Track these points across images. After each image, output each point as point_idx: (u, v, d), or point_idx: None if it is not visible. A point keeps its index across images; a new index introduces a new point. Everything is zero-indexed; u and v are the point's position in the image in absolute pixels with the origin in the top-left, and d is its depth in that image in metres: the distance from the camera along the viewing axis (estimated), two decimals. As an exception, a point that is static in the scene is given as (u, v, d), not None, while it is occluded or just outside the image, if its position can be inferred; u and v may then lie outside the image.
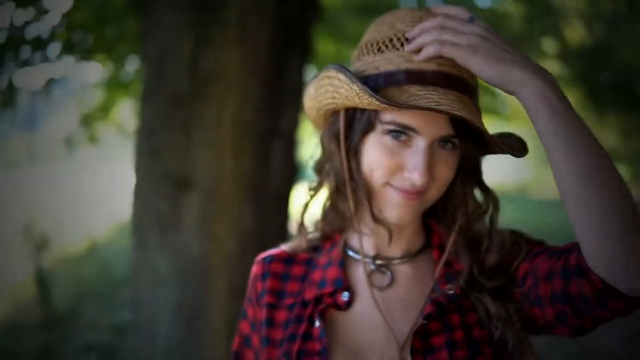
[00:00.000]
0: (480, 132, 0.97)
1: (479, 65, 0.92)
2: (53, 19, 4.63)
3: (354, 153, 1.07)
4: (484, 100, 7.78)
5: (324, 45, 6.57)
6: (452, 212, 1.14)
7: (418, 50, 1.00)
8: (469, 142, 1.04)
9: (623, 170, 22.74)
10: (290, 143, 3.47)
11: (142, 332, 3.17)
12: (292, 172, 3.41)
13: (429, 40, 0.97)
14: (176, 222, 3.07)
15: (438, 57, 1.00)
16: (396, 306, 1.11)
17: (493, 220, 1.14)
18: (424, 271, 1.15)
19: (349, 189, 1.10)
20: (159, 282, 3.12)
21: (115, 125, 8.77)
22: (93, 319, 6.83)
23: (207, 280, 3.10)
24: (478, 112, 1.03)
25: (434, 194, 1.06)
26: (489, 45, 0.92)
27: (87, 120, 7.88)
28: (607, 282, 0.88)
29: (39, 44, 4.76)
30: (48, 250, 7.13)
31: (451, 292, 1.08)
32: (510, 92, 0.92)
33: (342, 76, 0.99)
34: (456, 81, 1.00)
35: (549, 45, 6.50)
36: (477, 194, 1.18)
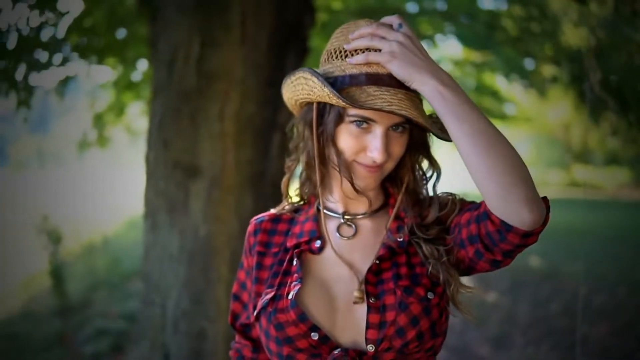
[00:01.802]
0: (418, 123, 1.25)
1: (394, 68, 1.21)
2: (66, 22, 4.63)
3: (329, 139, 1.31)
4: (487, 102, 7.80)
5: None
6: (402, 177, 1.41)
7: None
8: (415, 125, 1.31)
9: (624, 173, 22.68)
10: (286, 135, 3.55)
11: (153, 305, 3.30)
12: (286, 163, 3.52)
13: (362, 46, 1.26)
14: (184, 205, 3.23)
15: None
16: (359, 251, 1.37)
17: (435, 184, 1.42)
18: (381, 224, 1.41)
19: (317, 165, 1.36)
20: (169, 259, 3.26)
21: (125, 126, 8.89)
22: (105, 307, 6.92)
23: (212, 258, 3.23)
24: (420, 102, 1.30)
25: (390, 166, 1.34)
26: (405, 51, 1.20)
27: (99, 122, 7.94)
28: (502, 219, 1.16)
29: (52, 47, 4.78)
30: (62, 244, 7.23)
31: (400, 239, 1.34)
32: (416, 89, 1.21)
33: (316, 80, 1.25)
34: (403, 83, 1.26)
35: (546, 47, 6.56)
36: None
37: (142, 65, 6.93)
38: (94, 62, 5.80)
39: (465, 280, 1.35)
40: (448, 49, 9.16)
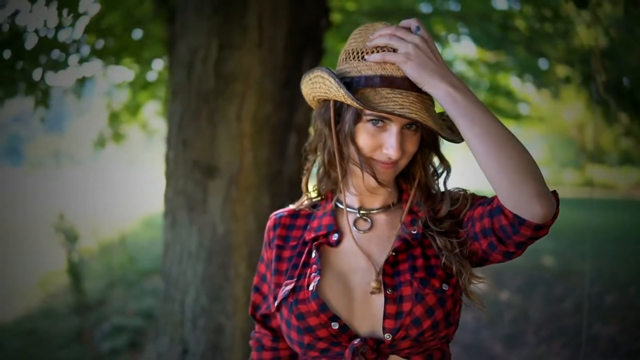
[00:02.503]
0: (428, 126, 1.31)
1: (408, 70, 1.27)
2: (83, 23, 4.61)
3: (348, 137, 1.37)
4: (501, 102, 7.72)
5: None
6: (414, 173, 1.48)
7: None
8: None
9: (638, 172, 22.49)
10: (302, 135, 3.60)
11: (173, 301, 3.38)
12: (304, 161, 3.55)
13: (382, 43, 1.32)
14: (203, 204, 3.30)
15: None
16: (375, 243, 1.44)
17: (445, 180, 1.48)
18: (395, 219, 1.48)
19: (338, 162, 1.42)
20: (188, 257, 3.34)
21: (141, 125, 8.96)
22: (122, 305, 6.94)
23: (230, 256, 3.30)
24: (432, 103, 1.36)
25: (404, 162, 1.40)
26: (420, 54, 1.27)
27: (114, 121, 8.02)
28: (514, 212, 1.23)
29: (70, 47, 4.78)
30: (78, 243, 7.26)
31: (414, 232, 1.41)
32: (428, 92, 1.27)
33: (332, 80, 1.31)
34: (416, 84, 1.33)
35: (559, 48, 6.53)
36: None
37: (158, 65, 7.00)
38: (111, 62, 5.84)
39: (476, 271, 1.41)
40: (462, 49, 9.09)
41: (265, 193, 3.41)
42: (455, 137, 1.37)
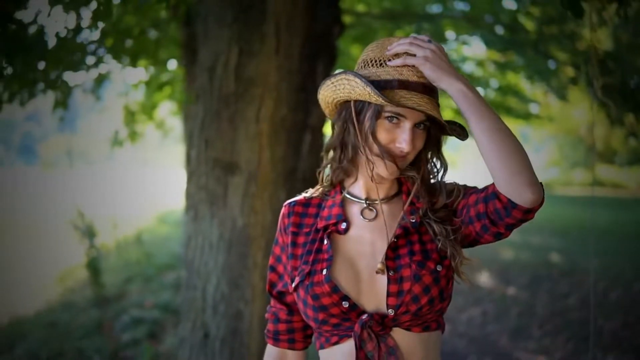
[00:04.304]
0: (440, 121, 1.50)
1: (426, 71, 1.45)
2: (101, 24, 4.90)
3: (369, 132, 1.51)
4: (511, 102, 7.74)
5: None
6: (417, 169, 1.63)
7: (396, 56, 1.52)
8: (433, 125, 1.56)
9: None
10: (317, 135, 3.76)
11: (195, 289, 3.51)
12: (318, 160, 3.45)
13: (401, 49, 1.50)
14: (223, 199, 3.43)
15: (418, 72, 1.46)
16: (378, 231, 1.60)
17: (443, 175, 1.66)
18: (396, 209, 1.64)
19: (363, 153, 1.56)
20: (209, 248, 3.47)
21: (156, 124, 9.04)
22: (140, 298, 7.05)
23: (249, 247, 3.45)
24: (438, 106, 1.54)
25: (411, 157, 1.57)
26: (435, 58, 1.46)
27: (130, 120, 8.29)
28: (508, 197, 1.41)
29: (88, 48, 4.80)
30: (97, 238, 7.26)
31: (413, 220, 1.57)
32: (443, 89, 1.46)
33: (358, 80, 1.47)
34: (429, 89, 1.51)
35: (566, 49, 6.56)
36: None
37: (172, 65, 7.14)
38: (127, 63, 5.74)
39: (466, 253, 1.59)
40: (472, 50, 9.15)
41: (282, 189, 3.56)
42: (459, 134, 1.56)
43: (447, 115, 7.51)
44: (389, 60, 1.51)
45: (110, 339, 5.87)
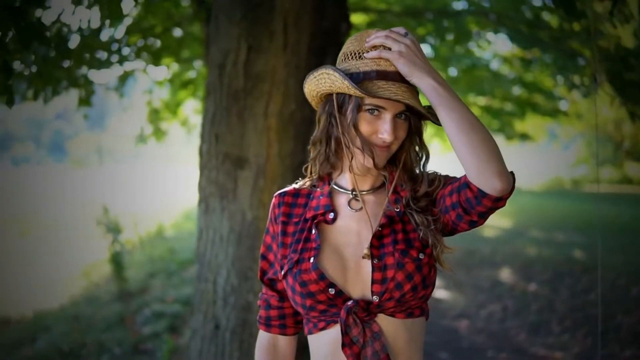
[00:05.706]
0: (416, 108, 1.52)
1: (400, 65, 1.49)
2: (124, 23, 4.85)
3: (351, 124, 1.56)
4: (537, 98, 7.66)
5: None
6: (400, 157, 1.68)
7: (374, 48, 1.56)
8: (413, 114, 1.60)
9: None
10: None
11: (206, 281, 3.56)
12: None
13: (378, 42, 1.53)
14: (233, 192, 3.48)
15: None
16: (364, 220, 1.64)
17: (424, 164, 1.69)
18: (382, 199, 1.68)
19: (344, 147, 1.61)
20: (220, 241, 3.51)
21: (181, 122, 9.15)
22: (162, 293, 7.17)
23: (258, 239, 3.47)
24: (417, 94, 1.58)
25: (395, 147, 1.61)
26: (409, 53, 1.50)
27: (155, 118, 8.15)
28: (479, 187, 1.45)
29: (112, 47, 5.01)
30: (122, 235, 7.48)
31: (397, 210, 1.62)
32: (415, 84, 1.50)
33: (337, 75, 1.51)
34: (405, 77, 1.54)
35: (589, 45, 6.48)
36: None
37: (197, 64, 7.23)
38: (151, 61, 5.97)
39: (447, 242, 1.63)
40: (498, 46, 9.09)
41: (290, 182, 3.35)
42: (437, 121, 1.58)
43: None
44: (367, 52, 1.55)
45: (132, 332, 5.99)
